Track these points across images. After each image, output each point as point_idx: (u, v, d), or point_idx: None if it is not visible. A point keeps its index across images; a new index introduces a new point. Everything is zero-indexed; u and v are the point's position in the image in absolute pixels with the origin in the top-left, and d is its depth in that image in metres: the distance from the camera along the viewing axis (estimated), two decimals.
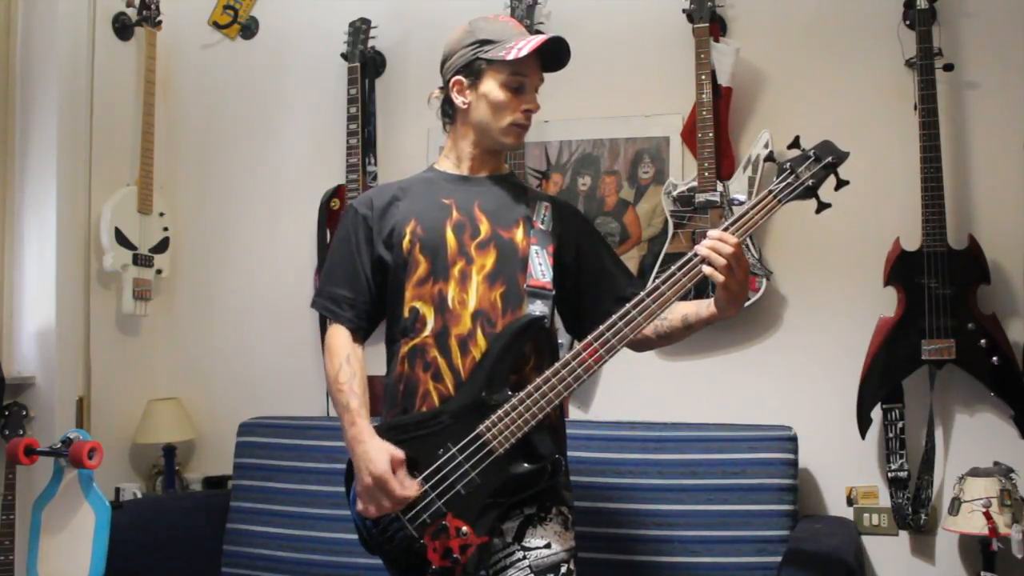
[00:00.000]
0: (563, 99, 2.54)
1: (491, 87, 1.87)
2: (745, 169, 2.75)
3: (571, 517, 1.89)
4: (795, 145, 1.80)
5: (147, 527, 2.78)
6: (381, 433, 1.82)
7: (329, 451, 2.78)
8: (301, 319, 3.22)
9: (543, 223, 1.92)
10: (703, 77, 2.75)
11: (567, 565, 1.82)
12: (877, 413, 2.63)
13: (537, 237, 1.90)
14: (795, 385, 2.78)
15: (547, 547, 1.81)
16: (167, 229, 3.35)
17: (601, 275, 1.98)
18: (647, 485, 2.54)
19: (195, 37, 3.49)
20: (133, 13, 3.29)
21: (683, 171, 2.91)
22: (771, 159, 2.64)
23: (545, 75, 1.93)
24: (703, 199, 2.76)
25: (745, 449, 2.52)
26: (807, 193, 1.76)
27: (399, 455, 1.78)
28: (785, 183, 1.76)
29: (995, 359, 2.49)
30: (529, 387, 1.77)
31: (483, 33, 1.88)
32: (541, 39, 1.85)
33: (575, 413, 2.96)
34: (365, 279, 1.92)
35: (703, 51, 2.76)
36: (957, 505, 2.43)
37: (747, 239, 1.76)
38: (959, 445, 2.63)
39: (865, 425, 2.62)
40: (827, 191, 1.77)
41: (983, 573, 2.41)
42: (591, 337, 1.78)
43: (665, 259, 2.81)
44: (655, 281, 1.77)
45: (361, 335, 1.95)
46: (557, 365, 1.77)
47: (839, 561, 2.19)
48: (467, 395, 1.79)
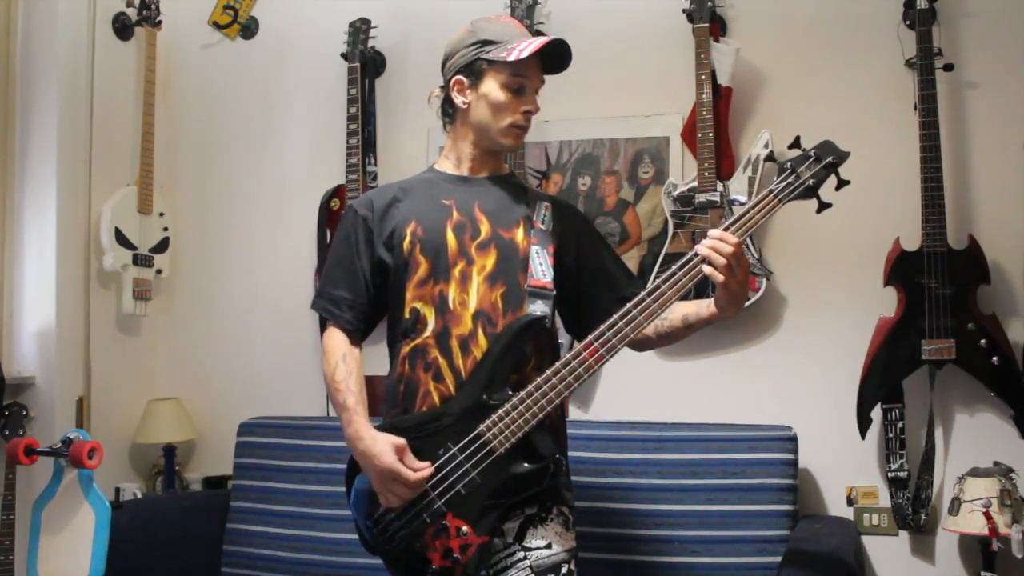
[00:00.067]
0: (563, 99, 2.54)
1: (491, 87, 1.87)
2: (745, 169, 2.75)
3: (572, 517, 1.89)
4: (796, 145, 1.80)
5: (147, 527, 2.78)
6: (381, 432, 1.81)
7: (329, 451, 2.78)
8: (301, 319, 3.22)
9: (543, 223, 1.92)
10: (703, 77, 2.75)
11: (568, 565, 1.81)
12: (877, 413, 2.63)
13: (537, 237, 1.90)
14: (795, 385, 2.78)
15: (548, 547, 1.81)
16: (167, 229, 3.35)
17: (601, 275, 1.98)
18: (647, 485, 2.53)
19: (195, 37, 3.49)
20: (133, 13, 3.29)
21: (683, 171, 2.91)
22: (771, 159, 2.64)
23: (545, 77, 1.93)
24: (703, 199, 2.76)
25: (745, 449, 2.52)
26: (808, 193, 1.76)
27: (400, 442, 1.78)
28: (786, 183, 1.76)
29: (995, 359, 2.49)
30: (530, 387, 1.77)
31: (485, 33, 1.88)
32: (543, 41, 1.85)
33: (575, 413, 2.96)
34: (364, 280, 1.92)
35: (703, 51, 2.76)
36: (957, 505, 2.43)
37: (747, 239, 1.77)
38: (959, 445, 2.63)
39: (865, 425, 2.62)
40: (828, 191, 1.77)
41: (983, 573, 2.41)
42: (592, 337, 1.78)
43: (665, 259, 2.81)
44: (656, 281, 1.77)
45: (359, 336, 1.95)
46: (558, 365, 1.77)
47: (839, 561, 2.19)
48: (468, 395, 1.79)
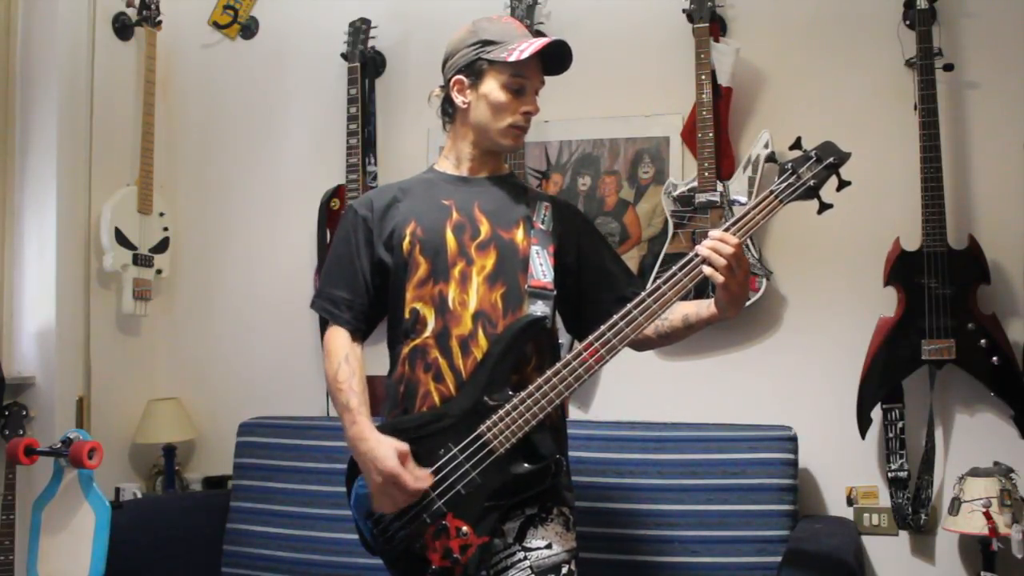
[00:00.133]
0: (563, 99, 2.54)
1: (492, 87, 1.87)
2: (745, 169, 2.75)
3: (572, 518, 1.89)
4: (797, 146, 1.80)
5: (147, 527, 2.77)
6: (383, 433, 1.81)
7: (329, 451, 2.78)
8: (301, 319, 3.22)
9: (543, 223, 1.92)
10: (703, 77, 2.75)
11: (568, 566, 1.81)
12: (877, 413, 2.63)
13: (538, 237, 1.90)
14: (795, 385, 2.78)
15: (548, 548, 1.81)
16: (167, 229, 3.35)
17: (602, 275, 1.98)
18: (647, 485, 2.53)
19: (195, 37, 3.49)
20: (133, 13, 3.29)
21: (683, 171, 2.91)
22: (771, 159, 2.64)
23: (545, 78, 1.92)
24: (703, 199, 2.76)
25: (745, 449, 2.52)
26: (809, 193, 1.76)
27: (404, 448, 1.77)
28: (787, 183, 1.76)
29: (995, 359, 2.49)
30: (530, 387, 1.77)
31: (486, 34, 1.88)
32: (543, 42, 1.85)
33: (575, 413, 2.96)
34: (364, 281, 1.92)
35: (703, 51, 2.76)
36: (957, 505, 2.43)
37: (747, 239, 1.76)
38: (959, 445, 2.63)
39: (865, 425, 2.62)
40: (828, 191, 1.77)
41: (983, 573, 2.41)
42: (592, 337, 1.78)
43: (665, 259, 2.81)
44: (656, 281, 1.77)
45: (360, 336, 1.95)
46: (558, 365, 1.77)
47: (839, 561, 2.19)
48: (468, 395, 1.79)
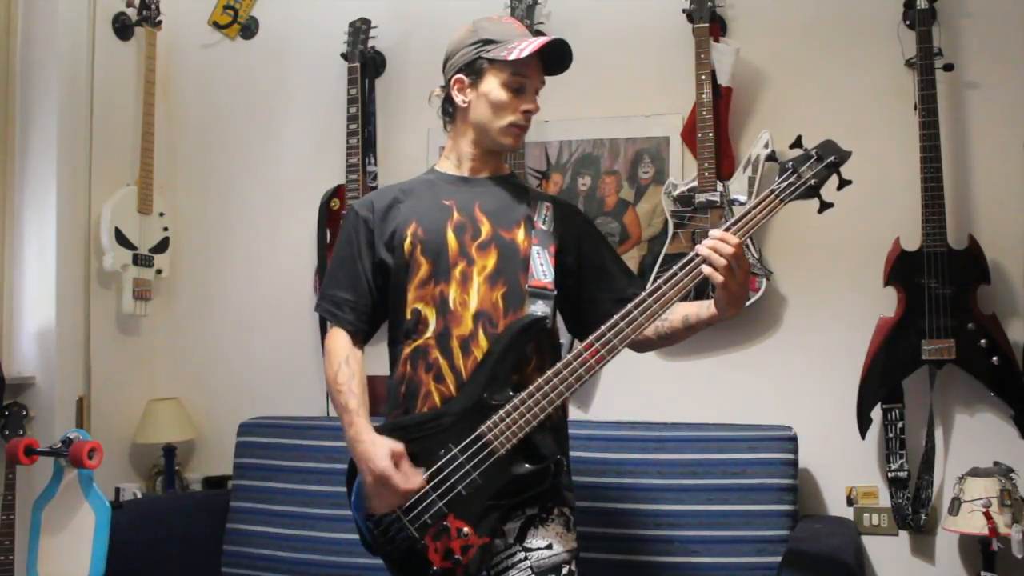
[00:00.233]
0: (563, 99, 2.54)
1: (492, 86, 1.87)
2: (745, 169, 2.75)
3: (573, 518, 1.89)
4: (797, 145, 1.80)
5: (147, 527, 2.77)
6: (383, 434, 1.81)
7: (329, 451, 2.78)
8: (301, 319, 3.22)
9: (544, 223, 1.92)
10: (703, 77, 2.75)
11: (569, 566, 1.81)
12: (877, 413, 2.63)
13: (538, 237, 1.90)
14: (795, 385, 2.78)
15: (548, 548, 1.81)
16: (167, 229, 3.35)
17: (602, 275, 1.98)
18: (647, 485, 2.54)
19: (195, 37, 3.49)
20: (133, 13, 3.29)
21: (683, 171, 2.91)
22: (771, 159, 2.65)
23: (546, 77, 1.93)
24: (703, 199, 2.76)
25: (745, 449, 2.52)
26: (810, 192, 1.76)
27: (399, 448, 1.77)
28: (787, 182, 1.76)
29: (995, 359, 2.49)
30: (531, 387, 1.77)
31: (486, 33, 1.88)
32: (543, 40, 1.85)
33: (575, 413, 2.95)
34: (366, 282, 1.92)
35: (703, 51, 2.76)
36: (957, 505, 2.43)
37: (747, 239, 1.76)
38: (959, 445, 2.63)
39: (865, 425, 2.62)
40: (829, 191, 1.77)
41: (983, 573, 2.41)
42: (593, 337, 1.78)
43: (665, 259, 2.81)
44: (656, 281, 1.77)
45: (361, 338, 1.95)
46: (559, 365, 1.77)
47: (839, 561, 2.19)
48: (469, 396, 1.79)
